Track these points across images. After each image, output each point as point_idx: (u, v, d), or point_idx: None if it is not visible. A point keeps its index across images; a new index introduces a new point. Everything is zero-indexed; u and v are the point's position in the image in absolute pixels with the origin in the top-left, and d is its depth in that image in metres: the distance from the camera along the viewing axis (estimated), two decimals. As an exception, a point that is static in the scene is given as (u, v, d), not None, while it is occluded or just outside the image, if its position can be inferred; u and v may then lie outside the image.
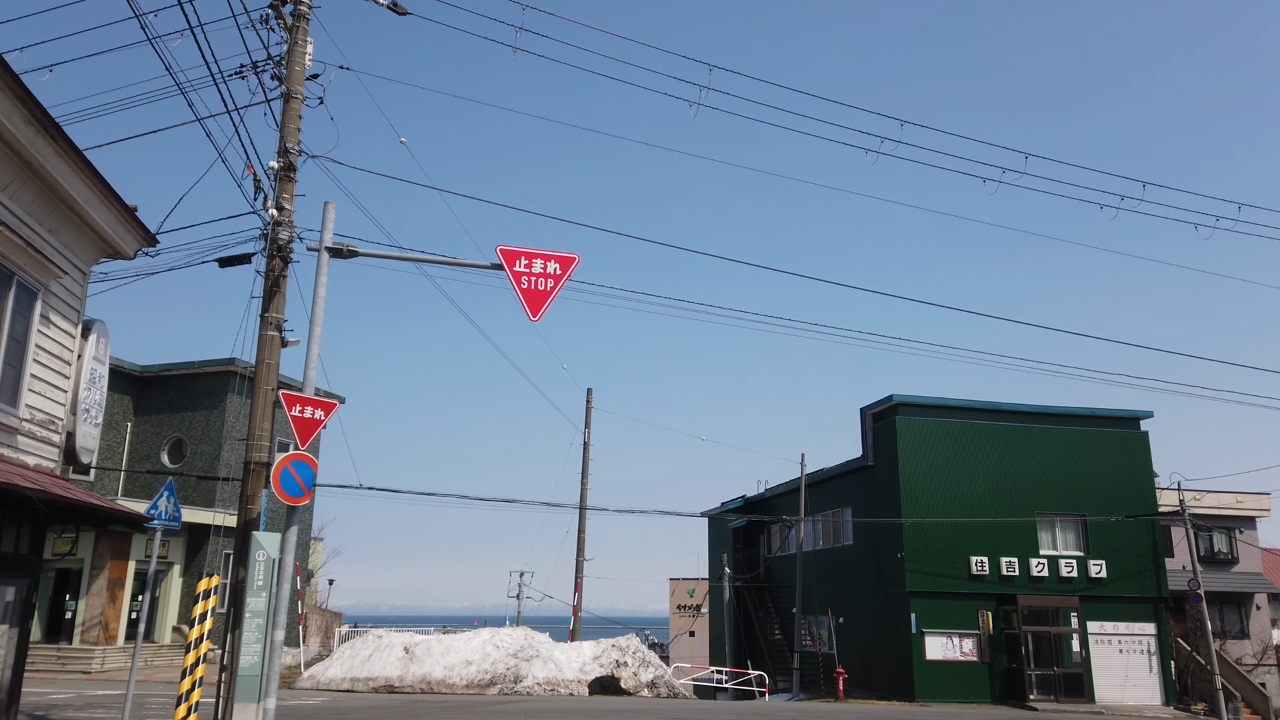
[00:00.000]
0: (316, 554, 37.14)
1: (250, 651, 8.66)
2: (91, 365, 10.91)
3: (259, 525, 10.75)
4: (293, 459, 10.07)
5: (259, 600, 8.87)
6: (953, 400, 29.02)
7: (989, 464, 28.39)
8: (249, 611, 8.84)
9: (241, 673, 8.64)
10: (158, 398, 30.44)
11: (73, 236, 10.16)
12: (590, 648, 22.95)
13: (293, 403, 10.21)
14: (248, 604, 8.90)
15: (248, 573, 9.07)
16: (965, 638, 27.24)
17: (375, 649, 21.96)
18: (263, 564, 9.03)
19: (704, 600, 49.11)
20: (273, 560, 9.10)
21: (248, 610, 8.85)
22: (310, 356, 10.69)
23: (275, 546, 9.24)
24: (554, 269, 11.43)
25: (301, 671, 22.76)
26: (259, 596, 8.88)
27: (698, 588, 48.36)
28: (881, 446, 29.26)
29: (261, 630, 8.78)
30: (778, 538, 38.41)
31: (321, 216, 11.10)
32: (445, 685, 21.08)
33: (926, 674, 26.64)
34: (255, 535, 9.36)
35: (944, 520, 27.52)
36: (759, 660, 35.52)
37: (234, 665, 8.89)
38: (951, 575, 27.38)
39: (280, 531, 9.62)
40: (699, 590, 48.61)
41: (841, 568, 31.81)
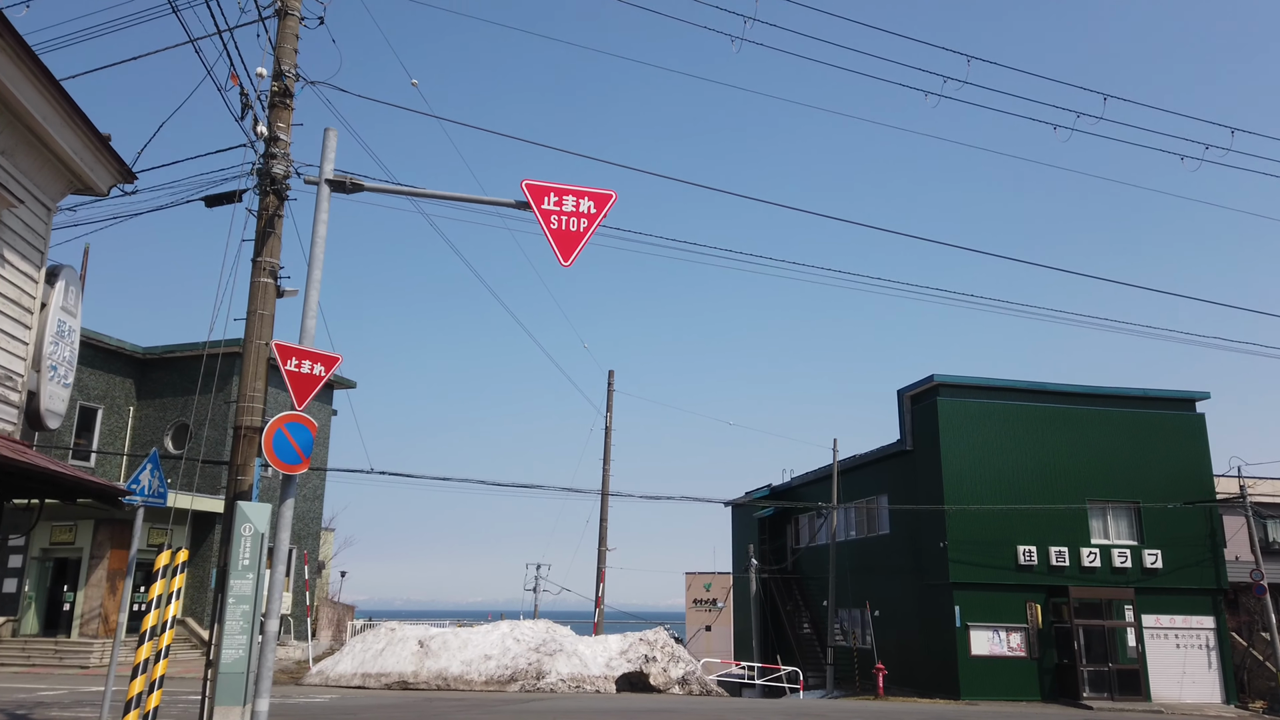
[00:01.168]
0: (328, 545, 35.88)
1: (235, 645, 7.26)
2: (59, 316, 9.51)
3: (252, 498, 9.32)
4: (288, 420, 8.64)
5: (244, 583, 7.45)
6: (996, 380, 27.40)
7: (1036, 448, 26.77)
8: (232, 596, 7.43)
9: (224, 670, 7.24)
10: (161, 381, 29.16)
11: (31, 162, 8.74)
12: (617, 642, 21.51)
13: (288, 355, 8.78)
14: (231, 587, 7.49)
15: (231, 550, 7.65)
16: (1013, 632, 25.65)
17: (388, 643, 20.59)
18: (249, 540, 7.62)
19: (721, 595, 48.19)
20: (261, 535, 7.69)
21: (231, 595, 7.44)
22: (309, 303, 9.26)
23: (264, 519, 7.82)
24: (588, 207, 9.96)
25: (310, 667, 21.43)
26: (244, 578, 7.47)
27: (714, 582, 47.83)
28: (921, 430, 27.68)
29: (247, 619, 7.38)
30: (806, 528, 36.87)
31: (321, 145, 9.66)
32: (462, 682, 19.70)
33: (972, 670, 25.07)
34: (240, 505, 7.94)
35: (989, 507, 25.93)
36: (788, 655, 34.02)
37: (215, 661, 7.48)
38: (997, 566, 25.79)
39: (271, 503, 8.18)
40: (715, 584, 48.04)
41: (876, 558, 30.26)
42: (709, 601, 48.56)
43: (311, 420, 8.85)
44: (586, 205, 9.93)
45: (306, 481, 31.50)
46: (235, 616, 7.37)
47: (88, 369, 27.69)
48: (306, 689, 19.30)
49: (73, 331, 9.83)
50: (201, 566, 27.19)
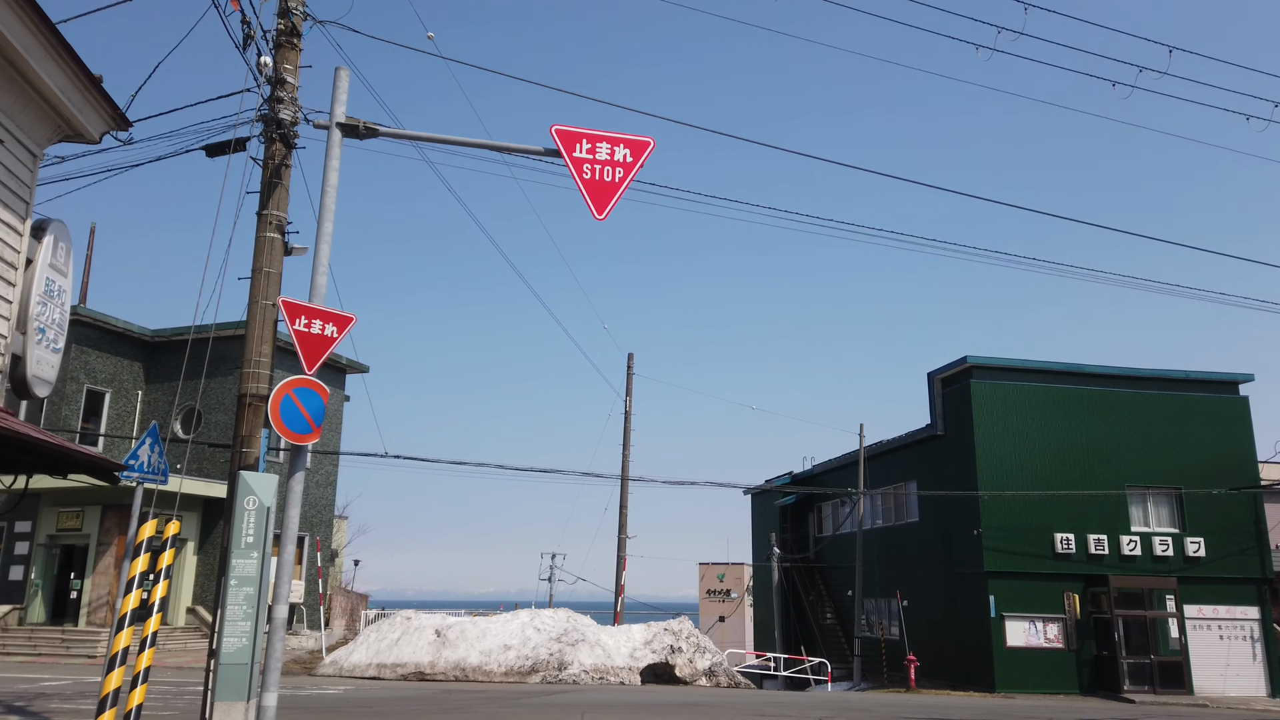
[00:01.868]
0: (341, 533, 35.21)
1: (237, 633, 6.45)
2: (47, 274, 8.67)
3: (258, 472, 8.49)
4: (296, 385, 7.80)
5: (248, 563, 6.63)
6: (1031, 362, 26.39)
7: (1073, 432, 25.77)
8: (234, 578, 6.61)
9: (225, 660, 6.42)
10: (170, 364, 28.45)
11: (12, 98, 7.90)
12: (640, 632, 20.70)
13: (296, 314, 7.94)
14: (233, 568, 6.67)
15: (233, 526, 6.82)
16: (1049, 622, 24.71)
17: (404, 632, 19.83)
18: (253, 514, 6.80)
19: (735, 586, 47.51)
20: (267, 509, 6.87)
21: (233, 577, 6.63)
22: (319, 259, 8.41)
23: (270, 491, 7.00)
24: (624, 155, 9.07)
25: (324, 656, 20.70)
26: (248, 558, 6.65)
27: (728, 573, 47.49)
28: (953, 414, 26.71)
29: (252, 603, 6.56)
30: (830, 516, 35.97)
31: (332, 87, 8.78)
32: (481, 673, 18.92)
33: (1007, 662, 24.16)
34: (243, 475, 7.11)
35: (1025, 493, 24.96)
36: (811, 646, 33.19)
37: (216, 651, 6.65)
38: (1034, 554, 24.84)
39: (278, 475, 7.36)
40: (729, 575, 47.63)
41: (905, 547, 29.35)
42: (723, 592, 47.96)
43: (323, 385, 8.02)
44: (622, 153, 9.04)
45: (319, 468, 30.79)
46: (238, 600, 6.55)
47: (95, 352, 27.01)
48: (319, 679, 18.56)
49: (63, 292, 9.00)
50: (211, 554, 26.52)
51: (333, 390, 31.61)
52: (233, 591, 6.57)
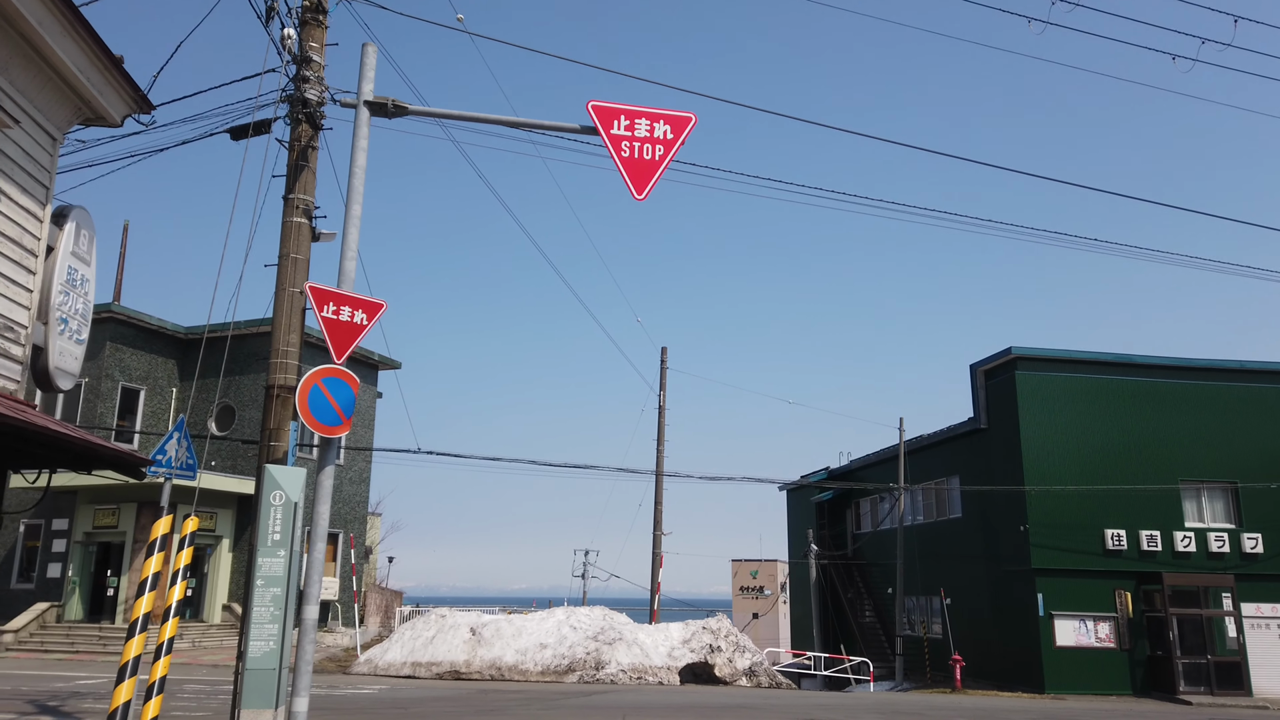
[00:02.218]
0: (375, 529, 35.12)
1: (264, 635, 6.08)
2: (69, 263, 8.40)
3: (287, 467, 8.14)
4: (325, 375, 7.42)
5: (275, 561, 6.27)
6: (1079, 353, 25.56)
7: (1123, 425, 24.91)
8: (261, 577, 6.24)
9: (250, 665, 6.06)
10: (204, 361, 28.43)
11: (28, 78, 7.60)
12: (679, 630, 20.24)
13: (324, 300, 7.56)
14: (259, 566, 6.31)
15: (259, 523, 6.46)
16: (1100, 621, 23.91)
17: (438, 630, 19.54)
18: (280, 509, 6.43)
19: (769, 582, 47.12)
20: (294, 505, 6.49)
21: (259, 576, 6.26)
22: (347, 243, 8.03)
23: (297, 485, 6.62)
24: (664, 132, 8.60)
25: (358, 654, 20.47)
26: (274, 556, 6.28)
27: (761, 569, 47.30)
28: (997, 407, 25.95)
29: (279, 604, 6.19)
30: (869, 512, 35.27)
31: (359, 64, 8.40)
32: (517, 672, 18.58)
33: (1057, 662, 23.40)
34: (269, 469, 6.74)
35: (1074, 488, 24.17)
36: (850, 644, 32.56)
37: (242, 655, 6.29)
38: (1083, 550, 24.04)
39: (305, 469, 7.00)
40: (762, 572, 47.41)
41: (946, 543, 28.63)
42: (756, 589, 47.61)
43: (352, 375, 7.64)
44: (662, 130, 8.58)
45: (352, 464, 30.68)
46: (265, 601, 6.18)
47: (129, 349, 27.04)
48: (354, 678, 18.32)
49: (86, 281, 8.72)
50: (247, 551, 26.45)
51: (365, 387, 31.49)
52: (259, 592, 6.20)
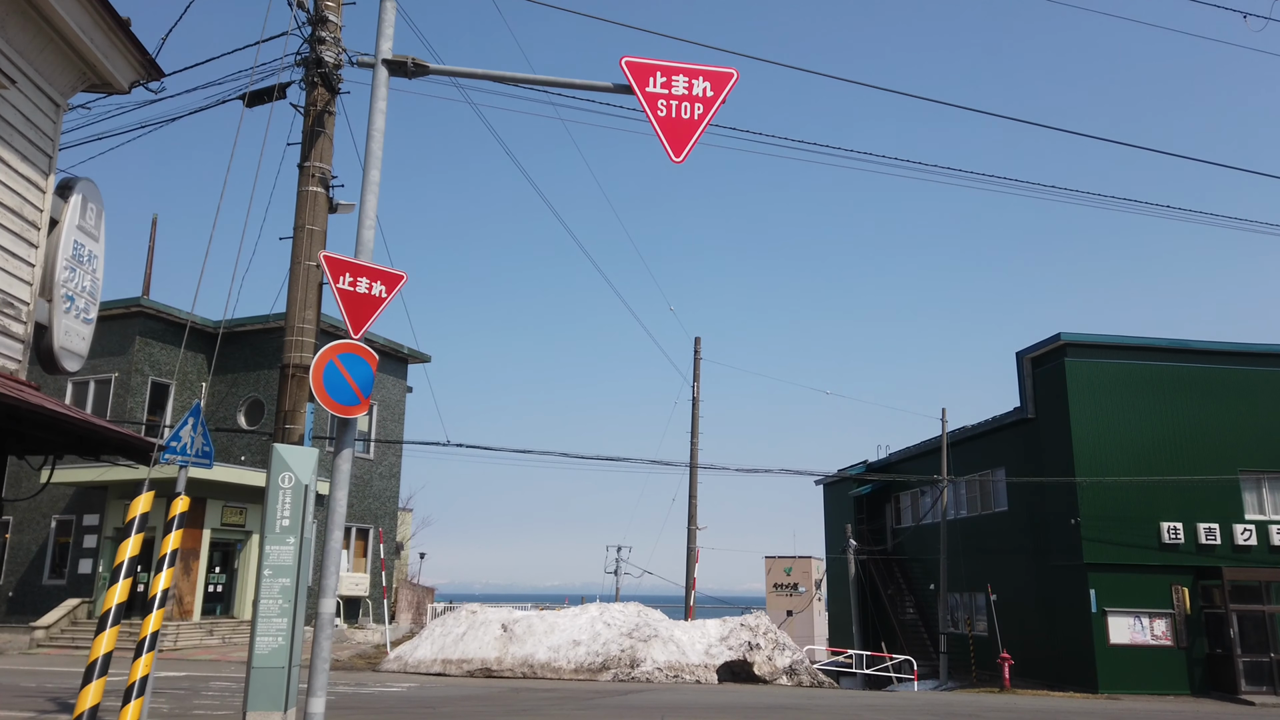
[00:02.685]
0: (406, 525, 34.84)
1: (271, 630, 5.56)
2: (75, 237, 7.94)
3: (302, 453, 7.62)
4: (341, 351, 6.89)
5: (283, 549, 5.74)
6: (1131, 339, 24.54)
7: (1179, 413, 23.89)
8: (268, 567, 5.72)
9: (257, 664, 5.54)
10: (233, 356, 28.25)
11: (28, 38, 7.13)
12: (716, 628, 19.60)
13: (340, 271, 7.03)
14: (266, 555, 5.78)
15: (266, 508, 5.93)
16: (1156, 618, 22.93)
17: (469, 627, 19.06)
18: (289, 493, 5.91)
19: (803, 579, 46.55)
20: (305, 487, 5.97)
21: (266, 566, 5.73)
22: (365, 211, 7.50)
23: (308, 466, 6.09)
24: (703, 89, 7.98)
25: (388, 651, 20.06)
26: (283, 543, 5.76)
27: (795, 566, 46.78)
28: (1045, 396, 25.01)
29: (287, 596, 5.67)
30: (909, 507, 34.37)
31: (377, 22, 7.85)
32: (550, 669, 18.04)
33: (1110, 661, 22.47)
34: (277, 449, 6.22)
35: (1127, 479, 23.20)
36: (891, 642, 31.74)
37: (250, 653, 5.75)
38: (1138, 544, 23.07)
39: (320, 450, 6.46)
40: (796, 569, 46.89)
41: (992, 537, 27.71)
42: (790, 586, 47.05)
43: (370, 352, 7.10)
44: (702, 87, 7.95)
45: (382, 459, 30.37)
46: (272, 593, 5.65)
47: (159, 344, 26.89)
48: (384, 676, 17.89)
49: (94, 258, 8.27)
50: (277, 546, 26.20)
51: (395, 381, 31.16)
52: (266, 583, 5.67)
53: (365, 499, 29.39)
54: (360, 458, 29.43)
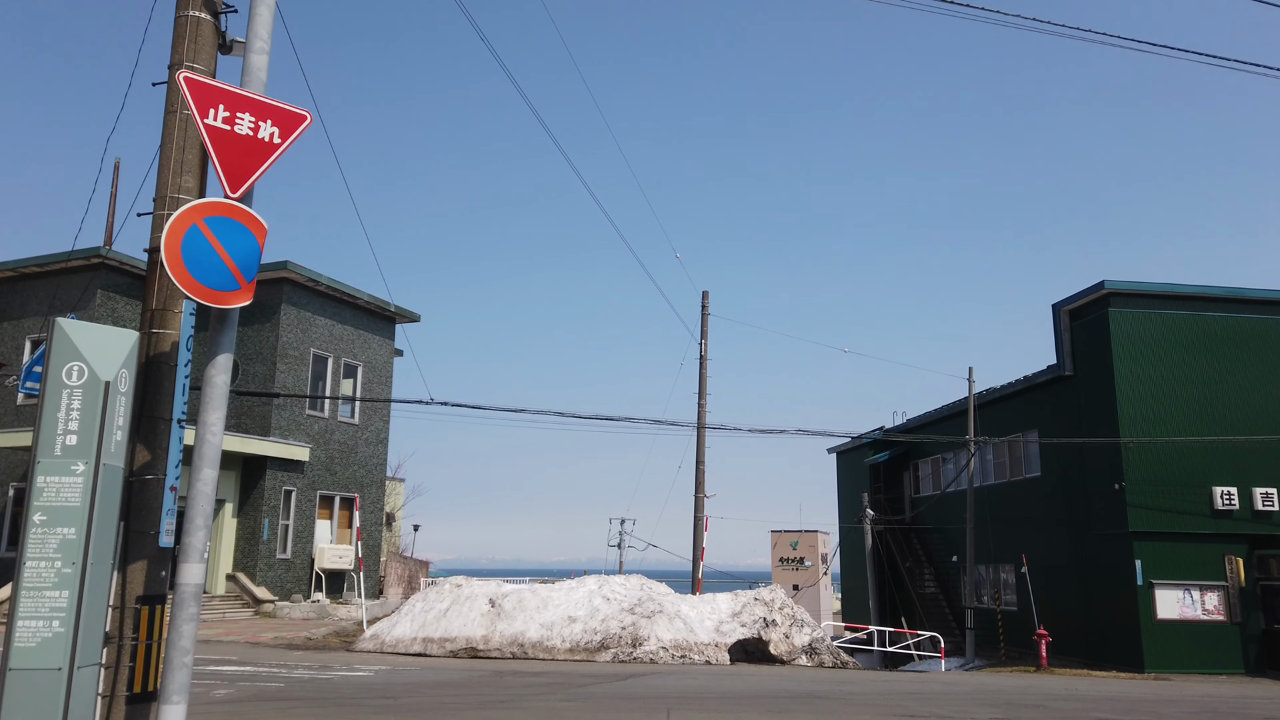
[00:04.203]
0: (397, 495, 32.97)
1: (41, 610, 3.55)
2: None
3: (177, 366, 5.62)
4: (210, 213, 4.90)
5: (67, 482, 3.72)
6: (1181, 287, 22.43)
7: (1233, 368, 21.83)
8: (39, 510, 3.69)
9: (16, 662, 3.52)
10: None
11: None
12: (727, 602, 17.70)
13: (210, 101, 5.01)
14: (36, 490, 3.74)
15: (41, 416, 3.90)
16: (1208, 591, 21.00)
17: (453, 602, 17.18)
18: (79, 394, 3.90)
19: (809, 553, 45.36)
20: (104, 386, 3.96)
21: (36, 508, 3.71)
22: (255, 26, 5.46)
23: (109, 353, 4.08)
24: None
25: (365, 629, 18.21)
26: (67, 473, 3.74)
27: (801, 540, 45.75)
28: (1085, 350, 22.94)
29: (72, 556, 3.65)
30: (929, 474, 32.42)
31: None
32: (542, 649, 16.18)
33: (1157, 637, 20.58)
34: (58, 324, 4.17)
35: (1178, 439, 21.18)
36: (910, 617, 29.92)
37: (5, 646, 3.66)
38: (1188, 511, 21.10)
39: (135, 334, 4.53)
40: (802, 543, 45.83)
41: (1022, 505, 25.77)
42: (796, 560, 45.91)
43: (256, 219, 5.08)
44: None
45: (368, 424, 28.45)
46: (45, 550, 3.60)
47: (123, 299, 24.89)
48: (356, 656, 16.03)
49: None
50: (253, 515, 24.36)
51: (381, 341, 29.18)
52: (36, 536, 3.62)
53: (350, 466, 27.49)
54: (345, 423, 27.51)
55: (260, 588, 23.71)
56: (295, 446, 24.99)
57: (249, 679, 11.80)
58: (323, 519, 26.37)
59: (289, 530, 25.02)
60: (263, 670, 12.92)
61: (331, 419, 26.93)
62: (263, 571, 24.01)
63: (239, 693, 10.37)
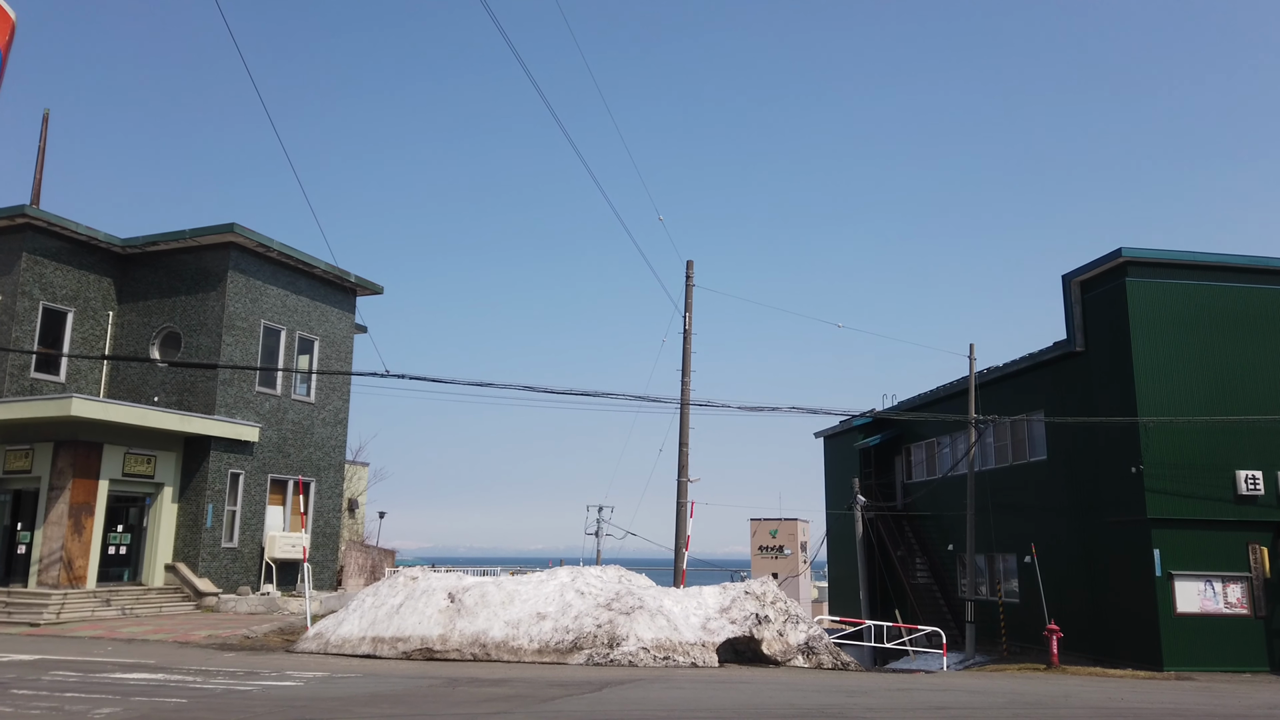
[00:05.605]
0: (360, 480, 30.96)
1: None
2: None
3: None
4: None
5: None
6: (1204, 256, 20.82)
7: (1260, 342, 20.29)
8: None
9: None
10: (145, 280, 24.09)
11: None
12: (714, 596, 15.91)
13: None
14: None
15: None
16: (1230, 582, 19.48)
17: (407, 597, 15.27)
18: None
19: (789, 541, 44.47)
20: None
21: None
22: None
23: None
24: None
25: (308, 626, 16.27)
26: None
27: (780, 528, 45.02)
28: (1099, 324, 21.30)
29: None
30: (923, 459, 30.81)
31: None
32: (508, 650, 14.33)
33: (1177, 633, 19.04)
34: None
35: (1200, 419, 19.61)
36: (902, 608, 28.35)
37: None
38: (1209, 497, 19.55)
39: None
40: (782, 531, 45.11)
41: (1025, 491, 24.18)
42: (775, 549, 45.22)
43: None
44: None
45: (326, 402, 26.42)
46: None
47: (53, 264, 22.70)
48: (295, 659, 14.11)
49: None
50: (195, 501, 22.32)
51: (340, 314, 27.13)
52: None
53: (305, 448, 25.47)
54: (300, 401, 25.48)
55: (203, 579, 21.70)
56: (243, 426, 22.93)
57: (150, 692, 9.89)
58: (274, 505, 24.35)
59: (236, 517, 22.99)
60: (173, 680, 11.00)
61: (284, 397, 24.88)
62: (206, 562, 21.99)
63: (125, 712, 8.47)
